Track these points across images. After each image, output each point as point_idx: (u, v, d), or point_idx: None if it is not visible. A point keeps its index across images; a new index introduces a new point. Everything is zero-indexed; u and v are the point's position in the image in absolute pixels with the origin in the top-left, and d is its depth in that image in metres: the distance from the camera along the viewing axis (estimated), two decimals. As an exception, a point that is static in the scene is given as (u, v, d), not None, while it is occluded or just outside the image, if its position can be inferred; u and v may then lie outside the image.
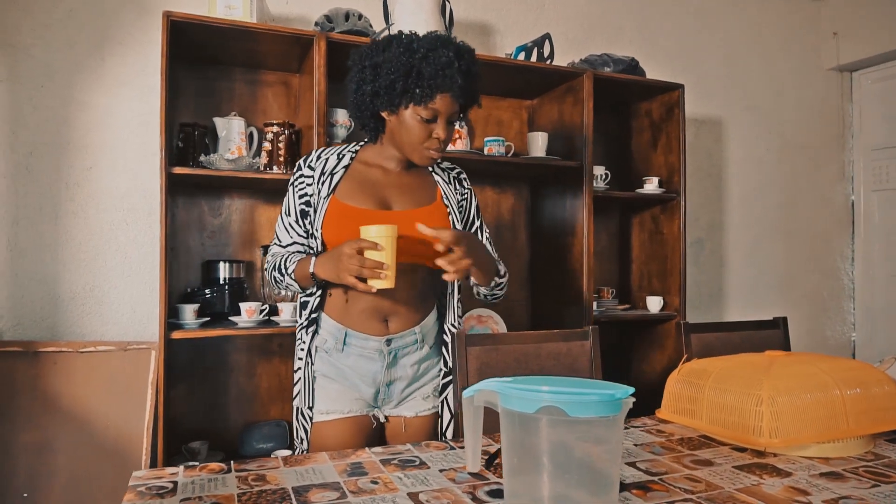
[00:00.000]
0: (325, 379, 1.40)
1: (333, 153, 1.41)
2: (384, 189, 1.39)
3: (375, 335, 1.37)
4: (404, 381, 1.42)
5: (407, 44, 1.28)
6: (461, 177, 1.52)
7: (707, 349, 1.81)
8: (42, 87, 2.04)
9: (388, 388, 1.41)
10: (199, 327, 1.87)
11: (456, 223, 1.42)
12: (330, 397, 1.39)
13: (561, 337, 1.64)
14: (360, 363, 1.38)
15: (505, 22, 2.71)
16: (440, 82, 1.25)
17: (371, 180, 1.39)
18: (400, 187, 1.40)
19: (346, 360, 1.38)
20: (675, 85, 2.51)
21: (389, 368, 1.39)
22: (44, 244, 2.04)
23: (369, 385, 1.39)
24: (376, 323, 1.38)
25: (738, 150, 3.24)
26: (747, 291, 3.23)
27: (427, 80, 1.24)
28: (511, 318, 2.62)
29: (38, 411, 1.93)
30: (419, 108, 1.27)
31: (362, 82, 1.31)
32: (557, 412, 0.73)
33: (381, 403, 1.43)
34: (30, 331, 2.02)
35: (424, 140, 1.31)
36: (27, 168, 2.03)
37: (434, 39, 1.29)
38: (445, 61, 1.25)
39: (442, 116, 1.29)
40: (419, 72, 1.25)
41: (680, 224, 2.51)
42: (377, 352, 1.37)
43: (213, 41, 1.98)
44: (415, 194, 1.41)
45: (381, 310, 1.37)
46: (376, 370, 1.38)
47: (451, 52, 1.27)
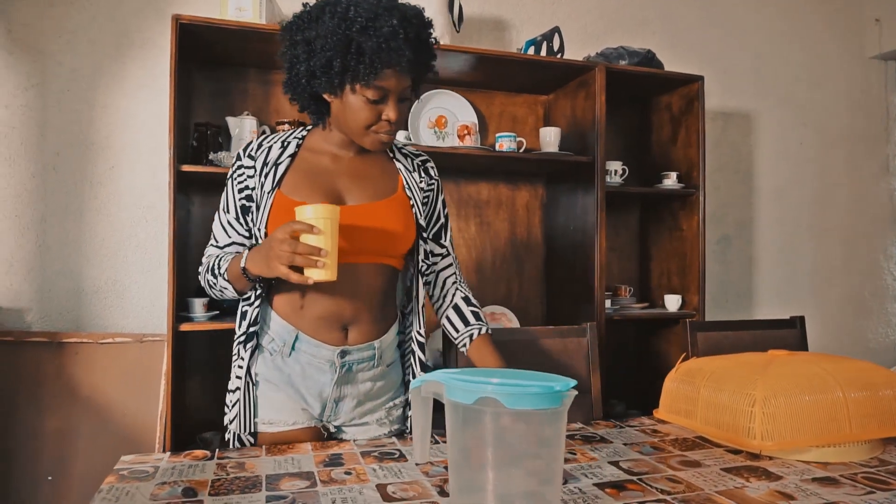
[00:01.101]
0: (268, 385, 1.23)
1: (277, 140, 1.23)
2: (335, 179, 1.21)
3: (330, 344, 1.21)
4: (354, 400, 1.26)
5: (342, 13, 1.07)
6: (428, 164, 1.33)
7: (714, 348, 1.75)
8: (67, 90, 2.14)
9: (335, 405, 1.25)
10: (208, 320, 1.93)
11: (419, 217, 1.26)
12: (273, 406, 1.22)
13: (556, 333, 1.62)
14: (308, 372, 1.22)
15: (520, 17, 2.69)
16: (385, 56, 1.06)
17: (320, 170, 1.21)
18: (354, 177, 1.22)
19: (292, 366, 1.22)
20: (694, 77, 2.44)
21: (340, 384, 1.23)
22: (69, 240, 2.14)
23: (315, 398, 1.23)
24: (333, 331, 1.21)
25: (769, 145, 3.11)
26: (778, 291, 3.11)
27: (370, 55, 1.06)
28: (526, 316, 2.60)
29: (62, 399, 2.03)
30: (364, 89, 1.10)
31: (295, 61, 1.12)
32: (495, 404, 0.72)
33: (326, 421, 1.27)
34: (56, 322, 2.12)
35: (373, 123, 1.14)
36: (54, 168, 2.13)
37: (373, 5, 1.08)
38: (389, 31, 1.05)
39: (392, 95, 1.12)
40: (359, 46, 1.06)
41: (699, 220, 2.44)
42: (328, 363, 1.21)
43: (226, 43, 2.04)
44: (372, 184, 1.23)
45: (341, 317, 1.21)
46: (324, 383, 1.22)
47: (394, 20, 1.06)
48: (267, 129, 2.21)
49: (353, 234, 1.16)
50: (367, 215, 1.19)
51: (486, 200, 2.58)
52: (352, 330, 1.23)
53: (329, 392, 1.23)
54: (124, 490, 0.97)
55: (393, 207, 1.22)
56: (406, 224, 1.23)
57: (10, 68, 2.09)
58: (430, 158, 1.36)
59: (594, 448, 1.22)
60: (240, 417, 1.22)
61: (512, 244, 2.61)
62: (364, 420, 1.30)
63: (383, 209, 1.21)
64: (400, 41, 1.06)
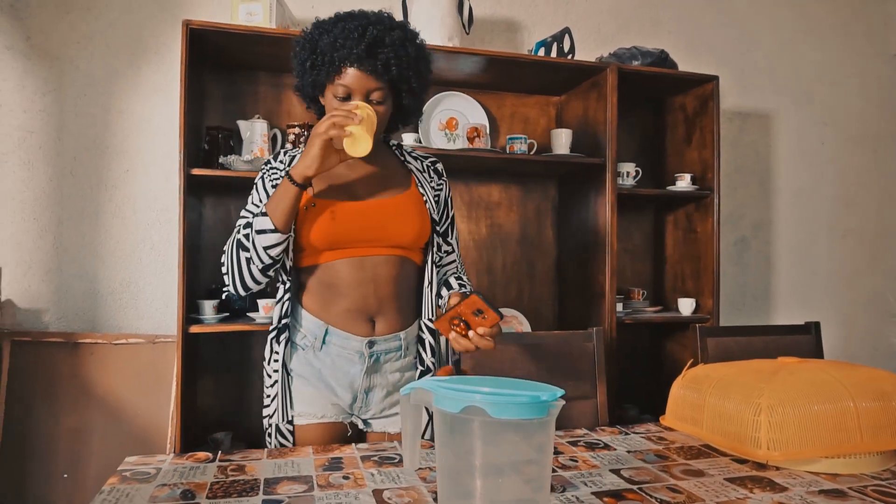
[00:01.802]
0: (300, 379, 1.31)
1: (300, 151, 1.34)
2: (353, 180, 1.30)
3: (358, 335, 1.28)
4: (383, 390, 1.32)
5: (318, 23, 1.23)
6: (437, 166, 1.42)
7: (724, 355, 1.72)
8: (84, 95, 2.18)
9: (366, 396, 1.31)
10: (218, 322, 1.95)
11: (433, 212, 1.34)
12: (304, 400, 1.29)
13: (563, 338, 1.60)
14: (339, 364, 1.28)
15: (532, 18, 2.67)
16: (340, 53, 1.17)
17: (339, 172, 1.30)
18: (369, 177, 1.31)
19: (323, 360, 1.29)
20: (708, 77, 2.40)
21: (370, 374, 1.29)
22: (85, 243, 2.18)
23: (346, 390, 1.29)
24: (361, 322, 1.28)
25: (788, 145, 3.05)
26: (797, 294, 3.04)
27: (328, 52, 1.18)
28: (537, 318, 2.58)
29: (78, 398, 2.07)
30: (332, 87, 1.21)
31: (295, 70, 1.28)
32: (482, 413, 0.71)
33: (358, 413, 1.33)
34: (72, 323, 2.17)
35: None
36: (71, 172, 2.18)
37: (345, 14, 1.22)
38: (343, 32, 1.17)
39: (355, 94, 1.20)
40: (320, 47, 1.19)
41: (714, 222, 2.40)
42: (357, 353, 1.28)
43: (237, 47, 2.06)
44: (387, 183, 1.31)
45: (367, 308, 1.28)
46: (355, 373, 1.29)
47: (353, 24, 1.18)
48: (277, 131, 2.23)
49: (372, 227, 1.24)
50: (384, 210, 1.26)
51: (497, 202, 2.57)
52: (378, 321, 1.29)
53: (359, 383, 1.29)
54: (124, 492, 0.98)
55: (408, 203, 1.30)
56: (421, 218, 1.30)
57: (28, 74, 2.14)
58: (438, 160, 1.44)
59: (597, 455, 1.21)
60: (279, 410, 1.29)
61: (523, 246, 2.60)
62: (394, 411, 1.34)
63: (399, 204, 1.29)
64: (353, 40, 1.16)
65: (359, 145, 1.15)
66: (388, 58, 1.18)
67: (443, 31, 2.15)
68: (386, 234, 1.26)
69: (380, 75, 1.19)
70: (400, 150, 1.41)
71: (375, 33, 1.17)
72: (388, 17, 1.24)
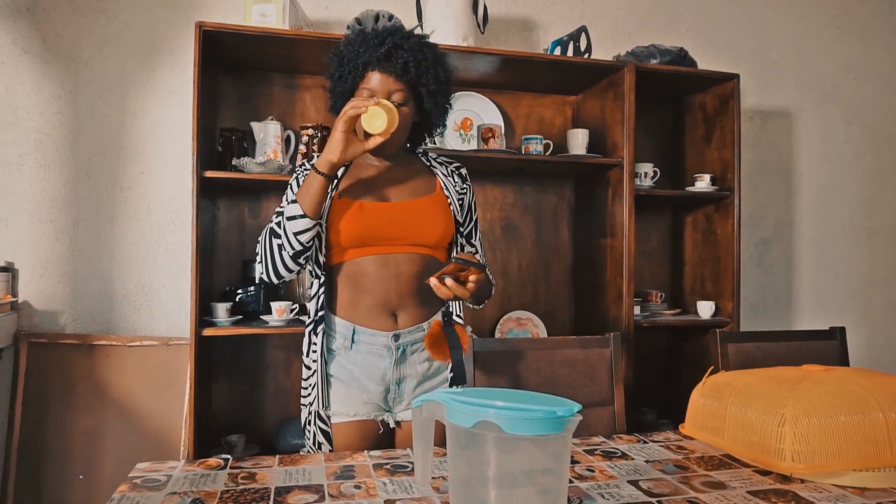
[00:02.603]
0: (335, 381, 1.38)
1: None
2: (381, 182, 1.38)
3: (383, 330, 1.35)
4: (414, 380, 1.39)
5: (346, 37, 1.36)
6: (461, 171, 1.49)
7: (746, 361, 1.68)
8: (99, 98, 2.19)
9: (398, 387, 1.38)
10: (231, 325, 1.95)
11: (457, 214, 1.41)
12: (338, 399, 1.36)
13: (578, 343, 1.57)
14: (369, 360, 1.35)
15: (548, 16, 2.64)
16: (362, 59, 1.28)
17: (368, 175, 1.39)
18: (397, 180, 1.39)
19: (354, 359, 1.36)
20: (729, 75, 2.34)
21: (398, 365, 1.36)
22: (100, 244, 2.19)
23: (378, 384, 1.36)
24: (384, 318, 1.35)
25: (811, 143, 2.98)
26: (820, 297, 2.97)
27: (348, 58, 1.30)
28: (553, 321, 2.55)
29: (93, 399, 2.08)
30: (357, 92, 1.31)
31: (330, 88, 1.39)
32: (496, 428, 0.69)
33: (392, 404, 1.39)
34: (88, 325, 2.17)
35: None
36: (87, 174, 2.18)
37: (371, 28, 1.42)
38: (364, 41, 1.29)
39: (378, 94, 1.29)
40: (346, 57, 1.31)
41: (734, 224, 2.35)
42: (385, 348, 1.35)
43: (251, 49, 2.05)
44: (414, 185, 1.39)
45: (389, 303, 1.35)
46: (385, 367, 1.36)
47: (375, 34, 1.30)
48: (291, 133, 2.22)
49: (397, 226, 1.33)
50: (409, 210, 1.34)
51: (512, 203, 2.54)
52: (400, 315, 1.36)
53: (390, 375, 1.36)
54: (134, 500, 0.97)
55: (432, 204, 1.37)
56: (445, 219, 1.37)
57: (45, 76, 2.15)
58: (462, 165, 1.50)
59: (614, 465, 1.17)
60: (318, 398, 1.35)
61: (538, 248, 2.56)
62: None
63: (424, 205, 1.36)
64: (373, 46, 1.27)
65: (375, 121, 1.22)
66: (406, 60, 1.28)
67: (457, 30, 2.13)
68: (410, 234, 1.33)
69: (399, 76, 1.29)
70: (426, 156, 1.48)
71: (394, 40, 1.28)
72: (407, 30, 1.35)
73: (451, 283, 1.22)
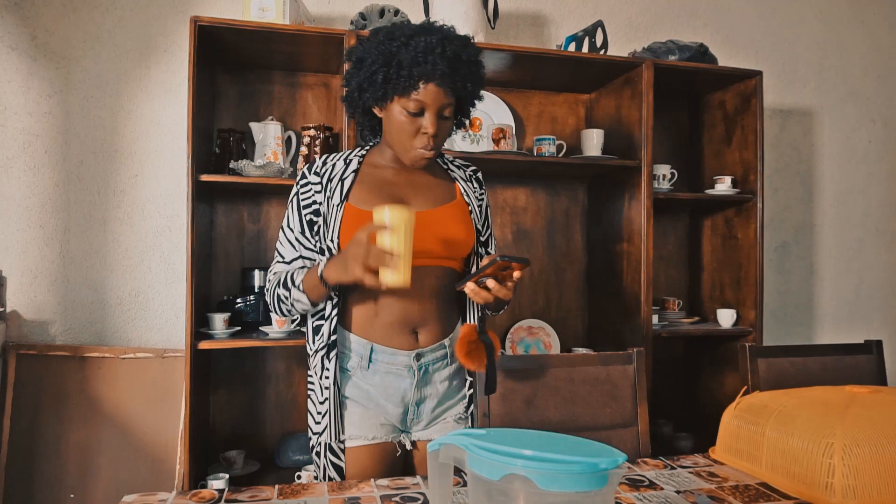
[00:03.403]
0: (350, 402, 1.28)
1: (339, 158, 1.32)
2: (400, 189, 1.29)
3: (404, 349, 1.26)
4: (434, 399, 1.30)
5: (388, 32, 1.20)
6: (477, 175, 1.41)
7: (778, 378, 1.57)
8: (91, 97, 2.09)
9: (417, 408, 1.29)
10: (229, 337, 1.85)
11: (477, 222, 1.33)
12: (353, 422, 1.26)
13: (599, 360, 1.46)
14: (388, 381, 1.25)
15: (561, 11, 2.53)
16: (421, 69, 1.15)
17: (383, 181, 1.29)
18: (416, 186, 1.30)
19: (371, 379, 1.26)
20: (752, 72, 2.23)
21: (420, 386, 1.27)
22: (92, 251, 2.09)
23: (397, 405, 1.28)
24: (405, 335, 1.26)
25: (833, 143, 2.87)
26: (843, 303, 2.86)
27: (407, 67, 1.16)
28: (565, 330, 2.44)
29: (85, 414, 1.98)
30: (404, 100, 1.18)
31: (350, 77, 1.25)
32: (527, 483, 0.58)
33: (410, 425, 1.30)
34: (80, 335, 2.08)
35: (413, 136, 1.21)
36: (78, 177, 2.09)
37: (418, 27, 1.21)
38: (425, 47, 1.15)
39: (429, 109, 1.18)
40: (399, 60, 1.16)
41: (757, 228, 2.24)
42: (406, 367, 1.26)
43: (250, 45, 1.95)
44: (433, 192, 1.30)
45: (410, 320, 1.25)
46: (405, 388, 1.26)
47: (433, 38, 1.17)
48: (292, 134, 2.12)
49: (417, 238, 1.20)
50: (430, 220, 1.24)
51: (524, 207, 2.43)
52: (421, 332, 1.27)
53: (410, 396, 1.27)
54: (117, 543, 0.87)
55: (454, 212, 1.28)
56: (467, 228, 1.29)
57: (34, 75, 2.05)
58: (479, 169, 1.42)
59: (642, 497, 1.07)
60: (330, 428, 1.25)
61: (550, 253, 2.46)
62: (443, 418, 1.33)
63: (445, 214, 1.27)
64: (436, 55, 1.15)
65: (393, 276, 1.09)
66: (465, 74, 1.20)
67: (467, 25, 2.02)
68: (433, 245, 1.25)
69: (455, 91, 1.21)
70: (442, 158, 1.40)
71: (455, 50, 1.18)
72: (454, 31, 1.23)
73: (493, 285, 1.13)
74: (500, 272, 1.13)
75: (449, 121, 1.23)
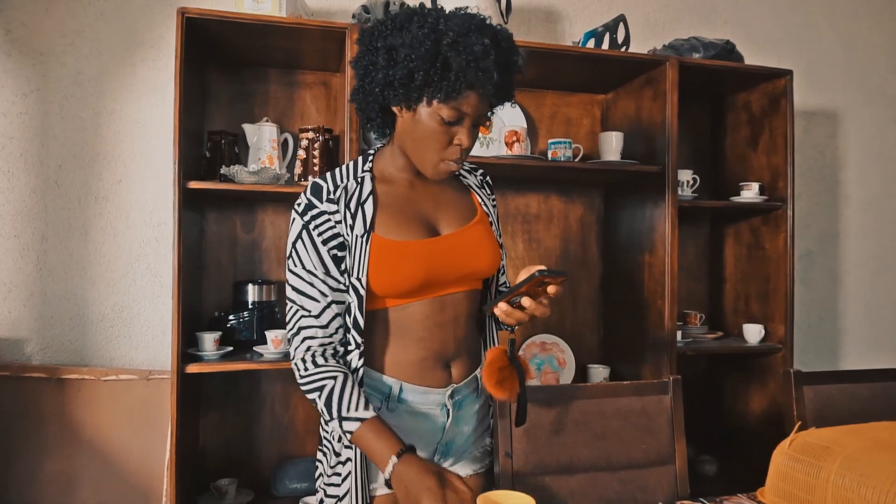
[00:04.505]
0: None
1: (349, 177, 1.11)
2: (421, 209, 1.13)
3: (439, 387, 1.12)
4: (464, 437, 1.19)
5: (433, 24, 0.99)
6: (487, 178, 1.28)
7: (826, 407, 1.42)
8: (71, 96, 1.93)
9: (446, 448, 1.16)
10: (220, 359, 1.69)
11: (498, 235, 1.21)
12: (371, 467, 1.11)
13: (633, 390, 1.32)
14: (416, 423, 1.10)
15: (574, 6, 2.38)
16: (472, 77, 0.98)
17: (403, 202, 1.12)
18: (437, 203, 1.15)
19: (395, 421, 1.09)
20: (782, 71, 2.09)
21: (454, 425, 1.14)
22: (72, 262, 1.93)
23: (428, 445, 1.14)
24: (438, 371, 1.12)
25: (859, 146, 2.73)
26: (870, 317, 2.72)
27: (456, 72, 0.97)
28: (580, 345, 2.29)
29: (64, 440, 1.82)
30: (441, 106, 1.01)
31: (372, 67, 1.04)
32: None
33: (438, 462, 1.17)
34: (58, 354, 1.91)
35: (444, 147, 1.05)
36: (56, 182, 1.92)
37: (466, 21, 1.00)
38: (480, 51, 0.97)
39: (468, 119, 1.03)
40: (446, 61, 0.98)
41: (787, 238, 2.09)
42: (439, 406, 1.12)
43: (243, 40, 1.79)
44: (455, 208, 1.16)
45: (445, 354, 1.11)
46: (437, 429, 1.13)
47: (487, 39, 0.98)
48: (289, 136, 1.96)
49: (452, 264, 1.10)
50: (461, 242, 1.11)
51: (536, 214, 2.28)
52: (454, 366, 1.14)
53: (442, 436, 1.15)
54: None
55: (480, 230, 1.15)
56: (493, 244, 1.16)
57: (8, 73, 1.89)
58: (486, 171, 1.29)
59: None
60: (352, 492, 1.08)
61: (564, 263, 2.31)
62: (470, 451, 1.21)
63: (473, 233, 1.14)
64: (490, 62, 0.98)
65: None
66: (511, 83, 1.08)
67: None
68: (465, 269, 1.12)
69: (498, 101, 1.08)
70: None
71: (506, 56, 1.03)
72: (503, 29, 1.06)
73: (529, 304, 1.01)
74: (535, 288, 1.01)
75: (478, 128, 1.09)
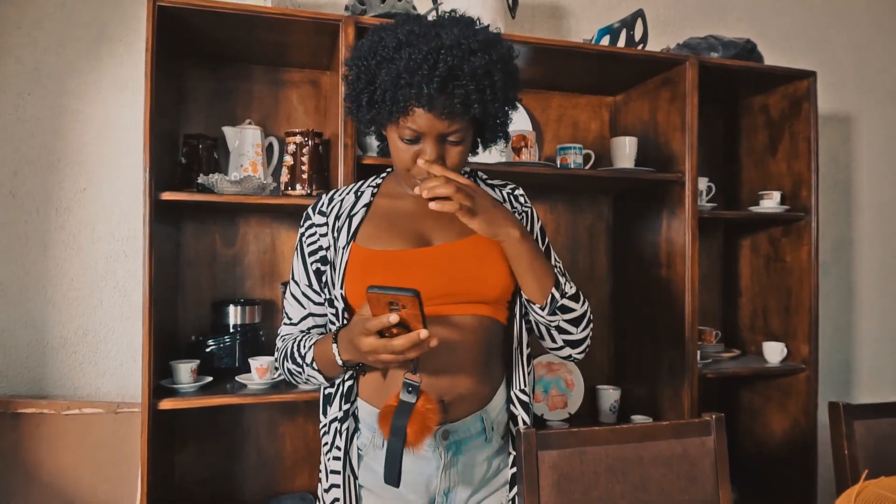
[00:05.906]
0: (363, 490, 1.08)
1: (350, 192, 1.13)
2: (417, 221, 1.08)
3: None
4: (469, 488, 1.06)
5: (375, 40, 0.98)
6: (516, 193, 1.18)
7: (881, 446, 1.28)
8: (28, 94, 1.73)
9: (446, 498, 1.05)
10: (197, 392, 1.50)
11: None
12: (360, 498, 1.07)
13: (672, 432, 1.16)
14: (406, 464, 0.99)
15: (581, 3, 2.23)
16: (404, 92, 0.93)
17: (399, 214, 1.09)
18: (439, 216, 1.06)
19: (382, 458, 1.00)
20: (804, 72, 1.96)
21: (448, 470, 1.03)
22: (30, 281, 1.72)
23: (420, 495, 1.04)
24: None
25: (874, 151, 2.62)
26: (887, 331, 2.61)
27: (388, 89, 0.94)
28: (590, 364, 2.14)
29: (20, 482, 1.61)
30: (396, 128, 0.99)
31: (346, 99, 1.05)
32: None
33: None
34: (15, 384, 1.71)
35: (410, 166, 1.01)
36: (11, 192, 1.72)
37: (409, 30, 0.95)
38: (408, 64, 0.91)
39: (427, 137, 0.97)
40: (380, 81, 0.95)
41: (811, 250, 1.96)
42: (430, 448, 1.01)
43: (224, 33, 1.61)
44: (457, 221, 1.04)
45: (436, 387, 0.99)
46: (430, 474, 1.03)
47: (427, 47, 0.92)
48: (274, 140, 1.78)
49: (443, 278, 1.01)
50: (456, 254, 1.03)
51: (543, 223, 2.12)
52: (451, 401, 1.02)
53: (437, 484, 1.03)
54: None
55: (488, 244, 1.03)
56: (505, 263, 1.04)
57: (-44, 67, 1.69)
58: (518, 186, 1.20)
59: None
60: None
61: (573, 276, 2.10)
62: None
63: (477, 246, 1.04)
64: (422, 75, 0.91)
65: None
66: (466, 93, 0.94)
67: (483, 15, 1.70)
68: (461, 287, 1.02)
69: (457, 115, 0.96)
70: (473, 177, 1.17)
71: (450, 63, 0.92)
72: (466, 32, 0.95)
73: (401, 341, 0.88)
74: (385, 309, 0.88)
75: (461, 145, 1.00)
